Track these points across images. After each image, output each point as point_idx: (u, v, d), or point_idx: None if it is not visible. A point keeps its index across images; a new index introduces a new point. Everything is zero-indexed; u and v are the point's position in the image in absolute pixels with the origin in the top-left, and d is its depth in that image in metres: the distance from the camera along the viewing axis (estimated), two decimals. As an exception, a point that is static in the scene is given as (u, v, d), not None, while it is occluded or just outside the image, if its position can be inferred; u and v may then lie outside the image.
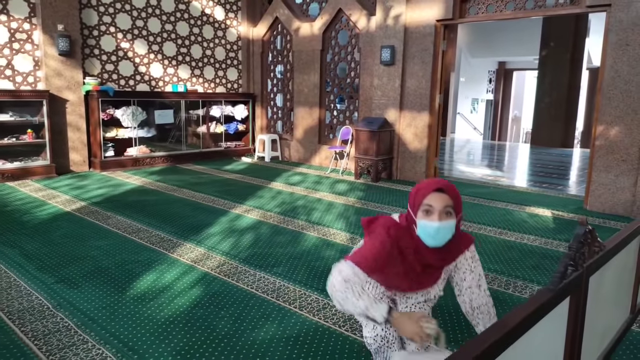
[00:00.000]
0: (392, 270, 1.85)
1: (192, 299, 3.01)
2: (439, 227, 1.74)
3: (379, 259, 1.78)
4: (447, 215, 1.76)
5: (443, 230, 1.75)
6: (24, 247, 3.88)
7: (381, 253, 1.78)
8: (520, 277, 3.46)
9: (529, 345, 1.35)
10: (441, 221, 1.74)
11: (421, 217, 1.77)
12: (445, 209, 1.75)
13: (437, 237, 1.77)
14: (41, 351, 2.39)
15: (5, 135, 6.48)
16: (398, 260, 1.84)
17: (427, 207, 1.75)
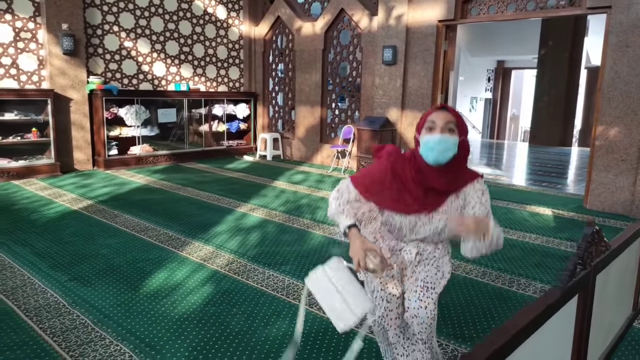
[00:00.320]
0: (386, 192, 1.87)
1: (204, 297, 3.08)
2: (439, 139, 1.74)
3: (373, 179, 1.89)
4: (449, 131, 1.76)
5: (444, 143, 1.74)
6: (34, 246, 3.93)
7: (375, 174, 1.90)
8: (523, 275, 3.54)
9: (539, 343, 1.42)
10: (442, 134, 1.75)
11: (424, 134, 1.79)
12: (447, 125, 1.76)
13: (437, 149, 1.74)
14: (60, 347, 2.45)
15: (10, 133, 6.52)
16: (393, 183, 1.86)
17: (430, 124, 1.78)
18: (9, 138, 6.49)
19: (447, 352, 2.50)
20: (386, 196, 1.87)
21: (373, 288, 2.02)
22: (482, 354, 1.11)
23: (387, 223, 1.95)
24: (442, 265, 2.01)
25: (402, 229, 1.91)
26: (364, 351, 2.46)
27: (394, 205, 1.86)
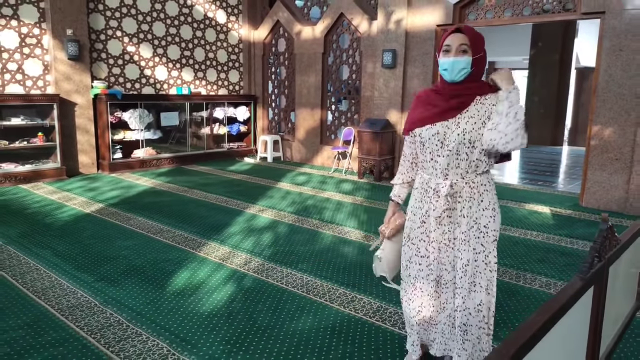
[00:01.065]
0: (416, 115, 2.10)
1: (228, 294, 3.21)
2: (453, 61, 1.94)
3: (409, 117, 2.16)
4: (462, 53, 1.94)
5: (457, 64, 1.93)
6: (55, 248, 4.04)
7: (410, 112, 2.17)
8: (528, 270, 3.72)
9: (561, 332, 1.58)
10: (455, 57, 1.93)
11: (441, 57, 1.99)
12: (460, 47, 1.94)
13: (453, 70, 1.94)
14: (100, 344, 2.57)
15: (16, 138, 6.59)
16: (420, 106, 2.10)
17: (446, 47, 1.97)
18: (15, 143, 6.56)
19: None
20: (413, 119, 2.10)
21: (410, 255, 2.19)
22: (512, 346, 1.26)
23: (421, 143, 2.08)
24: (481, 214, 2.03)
25: (433, 143, 2.01)
26: (396, 339, 2.61)
27: (422, 121, 2.05)
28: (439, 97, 2.02)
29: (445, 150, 1.99)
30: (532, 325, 1.36)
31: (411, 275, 2.18)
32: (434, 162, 2.04)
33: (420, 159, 2.13)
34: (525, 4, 6.13)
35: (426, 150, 2.06)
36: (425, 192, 2.09)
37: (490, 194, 2.05)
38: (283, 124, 9.51)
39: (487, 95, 1.99)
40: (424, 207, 2.09)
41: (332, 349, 2.56)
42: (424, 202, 2.10)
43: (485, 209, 2.03)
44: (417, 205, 2.13)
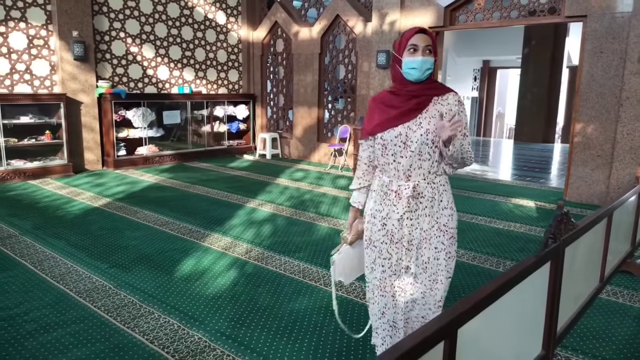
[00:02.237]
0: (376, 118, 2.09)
1: (231, 279, 3.51)
2: (422, 60, 1.98)
3: (367, 120, 2.15)
4: (428, 53, 2.00)
5: (425, 63, 1.98)
6: (68, 239, 4.33)
7: (367, 115, 2.16)
8: (508, 258, 4.02)
9: (519, 297, 1.87)
10: (424, 57, 1.98)
11: (407, 55, 2.00)
12: (426, 48, 1.99)
13: (421, 69, 1.98)
14: (116, 321, 2.87)
15: (25, 136, 6.87)
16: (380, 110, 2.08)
17: (412, 47, 1.99)
18: (24, 140, 6.83)
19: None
20: (374, 123, 2.09)
21: (374, 258, 2.17)
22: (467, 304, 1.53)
23: (383, 146, 2.07)
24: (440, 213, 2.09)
25: (396, 145, 2.03)
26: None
27: (382, 124, 2.05)
28: (398, 98, 2.04)
29: (408, 151, 2.01)
30: (477, 295, 1.63)
31: (376, 277, 2.16)
32: (396, 164, 2.05)
33: (380, 162, 2.11)
34: (512, 7, 6.42)
35: (388, 153, 2.06)
36: (386, 194, 2.09)
37: (448, 194, 2.13)
38: (281, 122, 9.79)
39: (444, 96, 2.05)
40: (385, 209, 2.09)
41: (325, 325, 2.85)
42: (384, 205, 2.09)
43: (444, 208, 2.09)
44: (377, 208, 2.12)
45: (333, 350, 2.58)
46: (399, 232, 2.08)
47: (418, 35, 2.00)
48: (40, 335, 2.69)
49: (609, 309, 3.12)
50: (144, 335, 2.70)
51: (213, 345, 2.61)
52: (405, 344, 1.20)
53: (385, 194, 2.10)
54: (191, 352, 2.53)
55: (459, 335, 1.43)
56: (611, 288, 3.43)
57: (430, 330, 1.30)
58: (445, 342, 1.39)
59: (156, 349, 2.56)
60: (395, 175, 2.07)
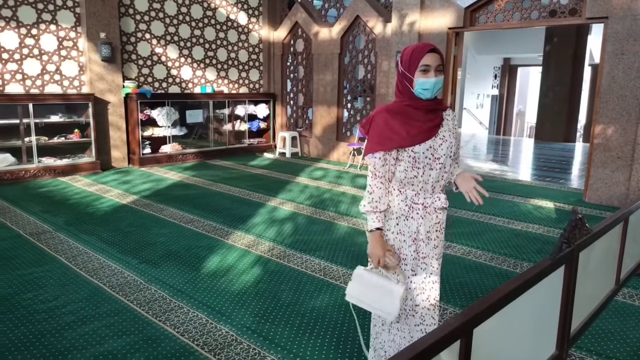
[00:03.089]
0: (398, 132, 2.02)
1: (255, 276, 3.66)
2: (435, 81, 1.99)
3: (381, 134, 2.03)
4: (439, 73, 2.01)
5: (437, 84, 2.00)
6: (100, 235, 4.53)
7: (380, 128, 2.04)
8: (526, 259, 4.09)
9: (533, 299, 1.96)
10: (437, 77, 1.99)
11: (419, 76, 1.99)
12: (438, 67, 2.00)
13: (433, 90, 2.00)
14: (148, 314, 3.04)
15: (55, 134, 7.13)
16: (400, 123, 2.02)
17: (424, 67, 1.98)
18: (54, 138, 7.09)
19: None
20: (401, 136, 2.01)
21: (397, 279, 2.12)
22: (483, 305, 1.63)
23: (413, 159, 2.04)
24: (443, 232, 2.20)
25: (427, 157, 2.04)
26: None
27: (414, 137, 2.02)
28: (418, 112, 2.03)
29: (437, 164, 2.05)
30: (493, 297, 1.72)
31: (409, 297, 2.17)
32: (425, 176, 2.05)
33: (408, 175, 2.05)
34: (533, 8, 6.43)
35: (419, 166, 2.04)
36: (411, 209, 2.08)
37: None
38: (301, 121, 9.93)
39: (446, 111, 2.13)
40: (413, 224, 2.08)
41: (346, 323, 2.97)
42: (411, 220, 2.08)
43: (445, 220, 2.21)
44: (405, 224, 2.09)
45: (354, 348, 2.70)
46: (426, 246, 2.12)
47: (430, 54, 1.99)
48: (78, 327, 2.87)
49: (625, 312, 3.18)
50: (175, 328, 2.86)
51: (240, 339, 2.76)
52: (422, 343, 1.32)
53: (411, 208, 2.08)
54: (219, 345, 2.68)
55: (475, 335, 1.54)
56: (627, 291, 3.48)
57: (446, 330, 1.40)
58: (461, 341, 1.49)
59: (187, 342, 2.72)
60: (422, 188, 2.07)
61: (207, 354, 2.60)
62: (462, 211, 5.57)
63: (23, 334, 2.79)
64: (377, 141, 2.03)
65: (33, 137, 6.77)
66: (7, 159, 6.67)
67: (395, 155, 2.05)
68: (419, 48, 2.02)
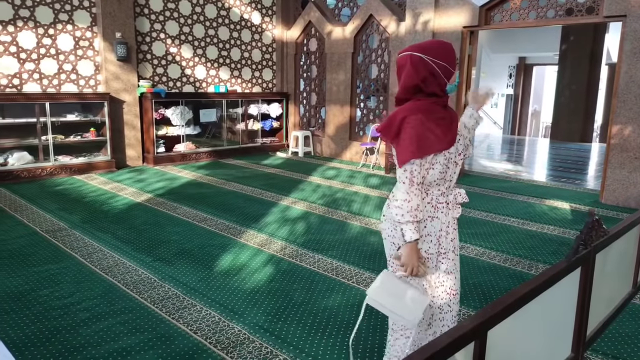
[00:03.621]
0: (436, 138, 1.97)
1: (267, 275, 3.66)
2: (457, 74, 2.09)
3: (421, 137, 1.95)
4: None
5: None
6: (114, 233, 4.58)
7: (418, 132, 1.95)
8: (540, 261, 4.04)
9: (549, 301, 1.94)
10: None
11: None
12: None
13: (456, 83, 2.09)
14: (162, 312, 3.06)
15: (71, 133, 7.23)
16: (435, 128, 1.98)
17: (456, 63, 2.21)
18: (70, 137, 7.19)
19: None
20: (441, 138, 1.98)
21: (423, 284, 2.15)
22: (497, 307, 1.61)
23: (447, 160, 2.02)
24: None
25: (455, 155, 2.05)
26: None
27: (451, 139, 2.01)
28: (442, 111, 2.03)
29: (460, 159, 2.07)
30: (507, 299, 1.70)
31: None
32: (450, 175, 2.05)
33: (434, 178, 2.03)
34: (549, 7, 6.35)
35: (450, 166, 2.03)
36: (435, 208, 2.07)
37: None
38: (313, 120, 9.93)
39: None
40: (437, 224, 2.08)
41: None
42: (436, 220, 2.08)
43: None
44: (431, 225, 2.07)
45: (365, 347, 2.70)
46: (446, 241, 2.12)
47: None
48: (93, 324, 2.91)
49: (642, 315, 3.12)
50: (188, 326, 2.88)
51: (252, 337, 2.77)
52: (437, 344, 1.31)
53: (436, 208, 2.06)
54: (232, 344, 2.70)
55: (489, 337, 1.52)
56: (645, 294, 3.41)
57: (461, 331, 1.39)
58: (475, 343, 1.48)
59: (200, 339, 2.73)
60: (447, 186, 2.07)
61: (219, 352, 2.61)
62: (476, 211, 5.52)
63: (39, 330, 2.83)
64: (417, 146, 1.93)
65: (50, 135, 6.87)
66: (25, 157, 6.78)
67: (431, 159, 1.99)
68: (449, 43, 2.06)
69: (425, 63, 1.98)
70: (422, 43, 2.06)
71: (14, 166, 6.65)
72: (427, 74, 1.99)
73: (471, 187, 6.85)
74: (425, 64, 1.98)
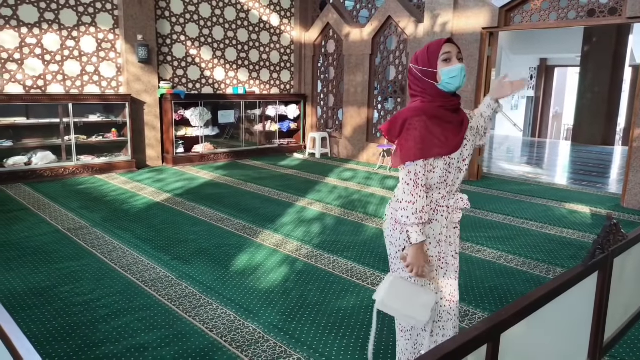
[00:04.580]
0: (437, 142, 1.96)
1: (282, 275, 3.69)
2: (461, 67, 1.94)
3: (424, 139, 1.93)
4: (461, 60, 1.96)
5: (464, 70, 1.95)
6: (134, 231, 4.66)
7: (422, 134, 1.93)
8: (559, 265, 3.99)
9: (564, 305, 1.92)
10: (460, 62, 1.95)
11: (443, 66, 1.94)
12: (458, 55, 1.96)
13: (460, 77, 1.94)
14: (179, 309, 3.11)
15: (93, 133, 7.38)
16: (437, 131, 1.95)
17: (445, 55, 1.93)
18: (92, 137, 7.34)
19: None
20: (443, 142, 1.96)
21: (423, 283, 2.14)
22: (511, 310, 1.60)
23: (449, 165, 2.00)
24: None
25: (458, 160, 2.02)
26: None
27: (451, 146, 1.97)
28: (449, 113, 1.99)
29: (464, 165, 2.05)
30: (521, 302, 1.69)
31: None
32: (453, 179, 2.04)
33: (435, 182, 2.01)
34: (570, 8, 6.26)
35: (452, 170, 2.01)
36: (436, 212, 2.05)
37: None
38: (331, 122, 9.95)
39: (465, 109, 2.12)
40: (437, 227, 2.06)
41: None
42: (435, 223, 2.06)
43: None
44: (430, 227, 2.05)
45: (379, 348, 2.70)
46: (446, 246, 2.12)
47: (448, 44, 1.97)
48: (112, 320, 2.97)
49: (663, 322, 3.06)
50: (204, 324, 2.92)
51: (266, 336, 2.80)
52: (449, 345, 1.31)
53: (436, 211, 2.05)
54: (247, 342, 2.73)
55: (502, 340, 1.52)
56: (667, 300, 3.34)
57: (473, 334, 1.39)
58: (488, 346, 1.48)
59: (215, 337, 2.77)
60: (449, 191, 2.05)
61: (234, 350, 2.65)
62: (494, 214, 5.48)
63: (60, 325, 2.90)
64: (419, 147, 1.92)
65: (72, 136, 7.02)
66: (48, 157, 6.94)
67: (432, 162, 1.98)
68: (436, 41, 2.01)
69: (410, 69, 2.06)
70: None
71: (38, 165, 6.82)
72: (416, 78, 2.02)
73: (489, 189, 6.79)
74: (410, 69, 2.06)
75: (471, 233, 4.81)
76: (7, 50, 6.68)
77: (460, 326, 2.93)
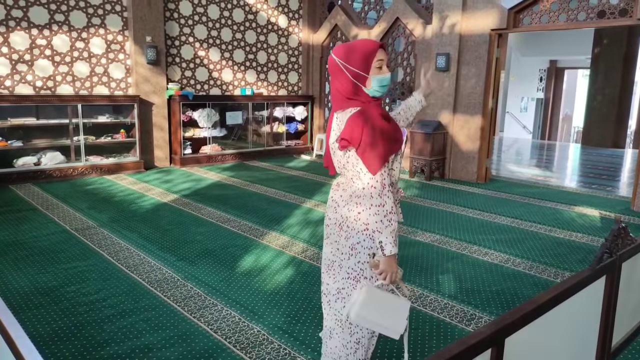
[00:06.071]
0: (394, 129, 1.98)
1: (288, 277, 3.69)
2: (390, 77, 1.97)
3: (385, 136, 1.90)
4: (389, 67, 2.00)
5: (391, 79, 2.02)
6: (141, 232, 4.68)
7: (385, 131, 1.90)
8: (567, 269, 3.94)
9: (571, 310, 1.90)
10: (390, 72, 1.98)
11: (376, 73, 1.92)
12: (387, 62, 1.97)
13: (387, 86, 1.96)
14: (184, 310, 3.12)
15: (102, 134, 7.43)
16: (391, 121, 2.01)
17: (379, 62, 1.92)
18: (101, 138, 7.39)
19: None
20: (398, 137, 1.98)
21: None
22: (515, 315, 1.58)
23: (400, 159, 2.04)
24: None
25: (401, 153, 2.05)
26: (435, 320, 2.98)
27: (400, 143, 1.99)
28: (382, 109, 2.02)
29: (400, 159, 2.05)
30: (526, 307, 1.67)
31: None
32: (397, 173, 2.08)
33: (396, 178, 2.06)
34: (580, 9, 6.20)
35: (398, 163, 2.04)
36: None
37: None
38: (338, 123, 9.92)
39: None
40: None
41: (378, 326, 2.95)
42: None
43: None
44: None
45: (384, 352, 2.69)
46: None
47: (381, 50, 1.92)
48: (117, 320, 2.98)
49: (673, 327, 3.01)
50: (209, 325, 2.92)
51: (271, 338, 2.79)
52: (453, 350, 1.30)
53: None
54: (251, 344, 2.72)
55: (507, 344, 1.50)
56: (677, 305, 3.29)
57: (477, 338, 1.38)
58: (492, 350, 1.46)
59: (220, 339, 2.77)
60: (395, 184, 2.06)
61: (238, 351, 2.64)
62: (502, 217, 5.43)
63: (66, 324, 2.91)
64: (387, 147, 1.87)
65: (81, 136, 7.07)
66: (57, 157, 7.00)
67: (392, 158, 1.96)
68: (369, 43, 1.93)
69: (338, 67, 1.94)
70: (348, 43, 1.99)
71: (47, 166, 6.87)
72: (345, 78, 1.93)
73: (497, 192, 6.74)
74: (338, 67, 1.94)
75: (478, 236, 4.77)
76: (17, 52, 6.75)
77: (466, 330, 2.91)
